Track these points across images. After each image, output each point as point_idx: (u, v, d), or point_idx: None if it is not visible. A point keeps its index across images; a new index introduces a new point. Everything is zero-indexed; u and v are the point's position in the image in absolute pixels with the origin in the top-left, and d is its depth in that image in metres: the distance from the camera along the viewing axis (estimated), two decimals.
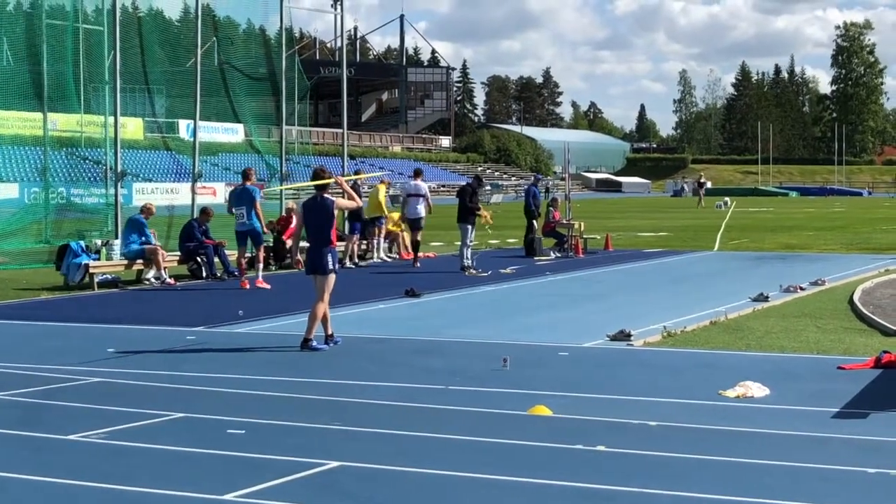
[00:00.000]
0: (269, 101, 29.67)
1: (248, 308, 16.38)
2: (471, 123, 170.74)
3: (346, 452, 7.73)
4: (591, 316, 15.88)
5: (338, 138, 75.74)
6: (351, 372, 11.27)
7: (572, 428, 8.63)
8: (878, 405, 9.42)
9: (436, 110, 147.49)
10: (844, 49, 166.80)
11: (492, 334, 13.84)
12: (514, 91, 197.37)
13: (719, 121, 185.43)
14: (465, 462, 7.51)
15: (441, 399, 9.79)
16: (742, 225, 42.67)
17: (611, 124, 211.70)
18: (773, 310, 16.37)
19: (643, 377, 11.00)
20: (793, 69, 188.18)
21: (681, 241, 33.01)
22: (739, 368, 11.11)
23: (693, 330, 14.17)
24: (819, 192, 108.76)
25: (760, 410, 9.31)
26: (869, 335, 13.81)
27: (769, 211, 60.89)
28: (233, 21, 31.84)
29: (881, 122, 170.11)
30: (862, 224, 44.10)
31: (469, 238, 23.10)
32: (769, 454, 7.71)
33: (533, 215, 27.33)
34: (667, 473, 7.25)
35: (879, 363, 11.27)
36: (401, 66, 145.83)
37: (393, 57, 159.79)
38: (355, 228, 24.89)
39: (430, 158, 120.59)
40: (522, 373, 11.06)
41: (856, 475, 7.18)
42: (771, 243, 31.83)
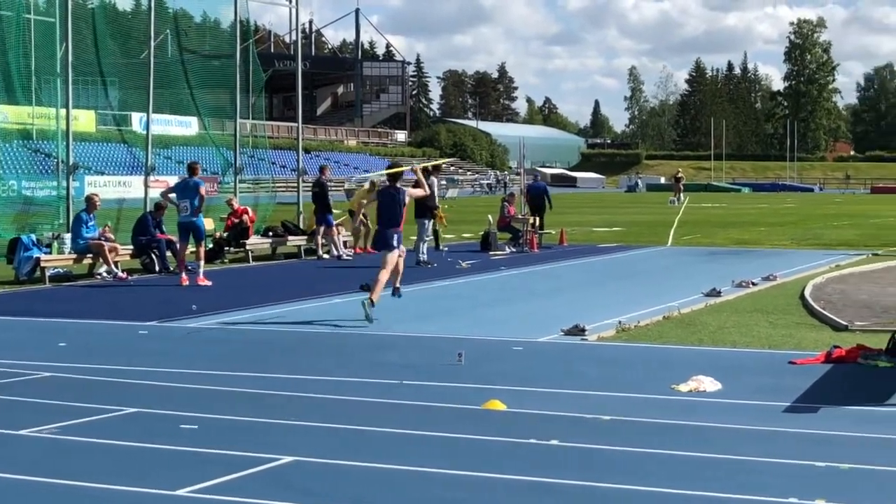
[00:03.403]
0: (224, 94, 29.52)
1: (202, 302, 16.29)
2: (426, 118, 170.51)
3: (300, 447, 7.71)
4: (545, 311, 15.92)
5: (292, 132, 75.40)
6: (305, 366, 11.24)
7: (526, 422, 8.66)
8: (829, 400, 9.51)
9: (391, 104, 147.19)
10: (797, 46, 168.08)
11: (446, 329, 13.85)
12: (469, 86, 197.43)
13: (673, 117, 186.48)
14: (418, 456, 7.51)
15: (395, 394, 9.79)
16: (695, 220, 42.95)
17: (565, 120, 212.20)
18: (725, 305, 16.49)
19: (597, 371, 11.05)
20: (745, 66, 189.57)
21: (634, 236, 33.18)
22: (692, 363, 11.18)
23: (646, 325, 14.25)
24: (771, 188, 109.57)
25: (712, 405, 9.38)
26: (820, 330, 13.94)
27: (722, 207, 61.32)
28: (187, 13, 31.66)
29: (833, 119, 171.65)
30: (813, 220, 44.52)
31: (425, 233, 23.15)
32: (720, 448, 7.77)
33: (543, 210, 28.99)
34: (619, 467, 7.29)
35: (830, 358, 11.38)
36: (356, 60, 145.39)
37: (348, 51, 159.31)
38: (328, 221, 24.95)
39: (386, 153, 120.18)
40: (477, 367, 11.08)
41: (806, 469, 7.25)
42: (723, 239, 32.07)
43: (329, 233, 25.13)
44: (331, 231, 25.10)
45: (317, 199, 25.44)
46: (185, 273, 19.44)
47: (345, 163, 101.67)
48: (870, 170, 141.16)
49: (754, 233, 35.24)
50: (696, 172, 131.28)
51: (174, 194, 20.00)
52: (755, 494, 6.62)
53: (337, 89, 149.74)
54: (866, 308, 16.06)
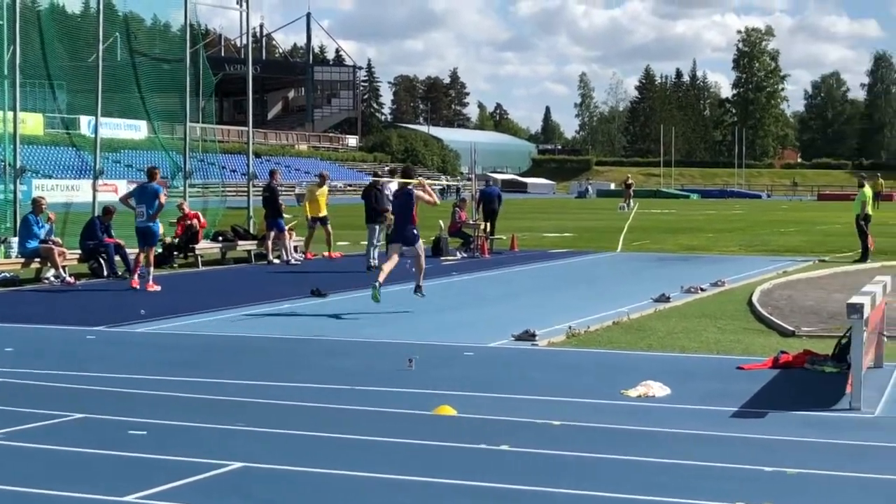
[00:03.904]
0: (174, 98, 29.32)
1: (150, 307, 16.18)
2: (378, 123, 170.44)
3: (249, 453, 7.67)
4: (496, 316, 15.96)
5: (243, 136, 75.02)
6: (255, 372, 11.19)
7: (476, 427, 8.67)
8: (776, 405, 9.60)
9: (342, 109, 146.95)
10: (745, 54, 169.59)
11: (397, 334, 13.84)
12: (421, 91, 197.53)
13: (623, 123, 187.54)
14: (368, 462, 7.50)
15: (345, 399, 9.77)
16: (644, 226, 43.19)
17: (516, 125, 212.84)
18: (674, 310, 16.61)
19: (547, 377, 11.08)
20: (694, 73, 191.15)
21: (585, 241, 33.32)
22: (641, 368, 11.25)
23: (596, 330, 14.32)
24: (719, 194, 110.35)
25: (662, 410, 9.44)
26: (767, 336, 14.07)
27: (671, 213, 61.71)
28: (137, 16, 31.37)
29: (781, 126, 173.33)
30: (761, 226, 44.91)
31: (376, 238, 23.13)
32: (669, 453, 7.82)
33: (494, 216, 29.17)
34: (569, 472, 7.32)
35: (777, 363, 11.49)
36: (307, 65, 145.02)
37: (299, 55, 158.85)
38: (279, 226, 24.88)
39: (337, 158, 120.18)
40: (427, 373, 11.08)
41: (753, 473, 7.31)
42: (672, 245, 32.28)
43: (279, 237, 25.05)
44: (281, 236, 25.02)
45: (267, 203, 25.33)
46: (136, 276, 19.32)
47: (296, 167, 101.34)
48: (816, 177, 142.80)
49: (703, 239, 35.50)
50: (646, 179, 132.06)
51: (133, 199, 19.87)
52: (704, 499, 6.67)
53: (288, 94, 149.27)
54: (813, 314, 16.23)
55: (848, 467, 7.48)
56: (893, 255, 27.53)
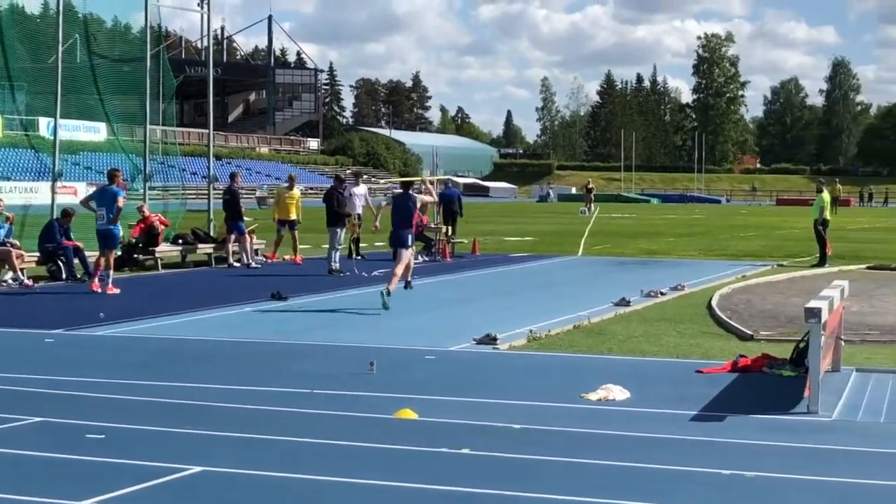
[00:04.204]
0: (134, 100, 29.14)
1: (109, 310, 16.07)
2: (339, 126, 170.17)
3: (208, 457, 7.64)
4: (457, 320, 15.97)
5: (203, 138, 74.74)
6: (215, 376, 11.14)
7: (437, 431, 8.67)
8: (735, 408, 9.66)
9: (304, 112, 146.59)
10: (705, 60, 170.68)
11: (358, 338, 13.82)
12: (382, 94, 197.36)
13: (584, 128, 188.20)
14: (329, 466, 7.48)
15: (306, 403, 9.74)
16: (605, 230, 43.37)
17: (478, 129, 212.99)
18: (634, 314, 16.68)
19: (508, 380, 11.10)
20: (655, 78, 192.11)
21: (546, 245, 33.41)
22: (602, 372, 11.29)
23: (557, 334, 14.36)
24: (679, 199, 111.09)
25: (621, 413, 9.47)
26: (726, 339, 14.17)
27: (631, 217, 61.99)
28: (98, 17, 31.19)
29: (740, 132, 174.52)
30: (720, 231, 45.20)
31: (338, 241, 23.10)
32: (629, 456, 7.85)
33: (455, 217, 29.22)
34: (530, 476, 7.34)
35: (736, 367, 11.57)
36: (268, 67, 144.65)
37: (260, 57, 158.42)
38: (239, 228, 24.78)
39: (299, 160, 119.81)
40: (389, 376, 11.07)
41: (712, 477, 7.35)
42: (633, 249, 32.43)
43: (240, 241, 24.95)
44: (242, 239, 24.92)
45: (228, 206, 25.23)
46: (97, 279, 19.18)
47: (256, 170, 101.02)
48: (775, 182, 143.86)
49: (663, 243, 35.68)
50: (607, 183, 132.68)
51: (94, 202, 19.71)
52: (663, 502, 6.70)
53: (249, 96, 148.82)
54: (772, 318, 16.36)
55: (806, 471, 7.55)
56: (851, 259, 27.79)
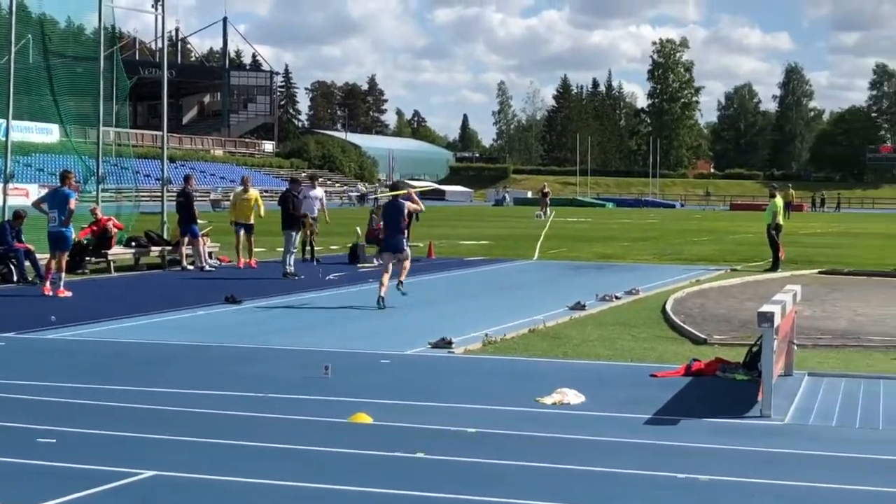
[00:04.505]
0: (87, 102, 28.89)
1: (61, 314, 15.91)
2: (294, 129, 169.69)
3: (161, 462, 7.57)
4: (412, 323, 15.95)
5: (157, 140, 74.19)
6: (168, 380, 11.05)
7: (392, 435, 8.65)
8: (689, 412, 9.71)
9: (259, 114, 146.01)
10: (660, 65, 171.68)
11: (313, 342, 13.77)
12: (338, 97, 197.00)
13: (540, 132, 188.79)
14: (283, 471, 7.44)
15: (260, 407, 9.69)
16: (560, 234, 43.49)
17: (434, 133, 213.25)
18: (589, 318, 16.73)
19: (463, 384, 11.10)
20: (610, 83, 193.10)
21: (502, 249, 33.45)
22: (556, 376, 11.30)
23: (512, 337, 14.37)
24: (634, 203, 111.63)
25: (576, 417, 9.49)
26: (680, 343, 14.24)
27: (587, 221, 62.22)
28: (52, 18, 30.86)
29: (695, 137, 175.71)
30: (674, 235, 45.45)
31: (292, 245, 23.02)
32: (584, 460, 7.86)
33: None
34: (484, 479, 7.33)
35: (690, 371, 11.63)
36: (223, 69, 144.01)
37: (215, 59, 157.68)
38: (193, 231, 24.61)
39: (254, 163, 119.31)
40: (343, 380, 11.04)
41: (666, 480, 7.38)
42: (588, 253, 32.53)
43: (194, 243, 24.78)
44: (195, 242, 24.75)
45: (181, 209, 25.06)
46: (48, 283, 18.99)
47: (211, 172, 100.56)
48: (729, 187, 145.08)
49: (618, 247, 35.83)
50: (563, 187, 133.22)
51: (45, 203, 19.50)
52: None
53: (203, 98, 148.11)
54: (725, 322, 16.46)
55: (759, 474, 7.59)
56: (803, 264, 28.03)
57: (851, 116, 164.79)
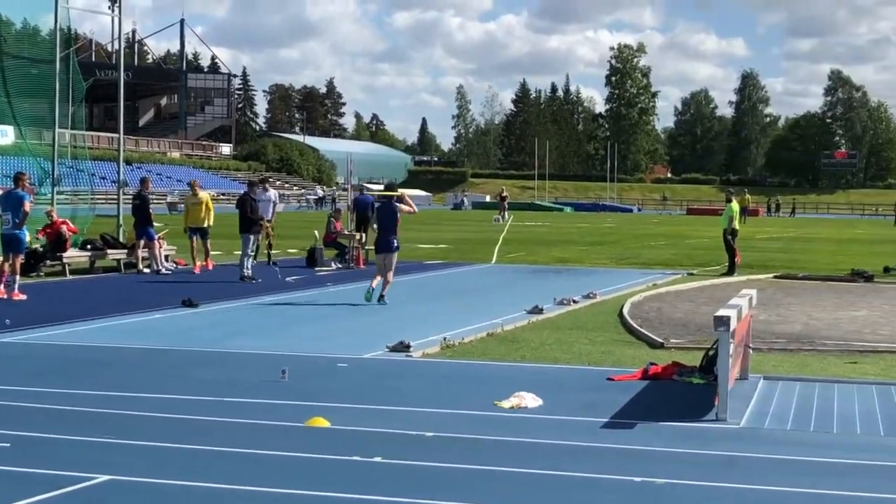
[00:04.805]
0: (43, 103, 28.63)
1: (15, 317, 15.75)
2: (252, 131, 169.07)
3: (116, 466, 7.52)
4: (370, 327, 15.92)
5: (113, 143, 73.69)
6: (124, 384, 10.97)
7: (349, 439, 8.63)
8: (645, 416, 9.75)
9: (216, 117, 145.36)
10: (618, 70, 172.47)
11: (271, 345, 13.72)
12: (297, 100, 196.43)
13: (498, 136, 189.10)
14: (239, 475, 7.41)
15: (216, 411, 9.64)
16: (519, 238, 43.57)
17: (393, 136, 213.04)
18: (547, 322, 16.77)
19: (421, 388, 11.10)
20: (568, 88, 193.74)
21: (460, 253, 33.48)
22: (515, 379, 11.32)
23: (471, 341, 14.38)
24: (592, 207, 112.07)
25: (534, 420, 9.51)
26: (637, 347, 14.30)
27: (545, 225, 62.39)
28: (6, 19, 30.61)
29: (652, 142, 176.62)
30: (632, 240, 45.67)
31: (250, 248, 22.92)
32: (541, 464, 7.88)
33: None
34: (442, 484, 7.33)
35: (646, 374, 11.68)
36: (180, 71, 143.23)
37: (172, 61, 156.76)
38: (150, 234, 24.45)
39: (211, 166, 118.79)
40: (301, 384, 11.00)
41: (623, 484, 7.41)
42: (546, 257, 32.62)
43: (150, 246, 24.62)
44: (152, 245, 24.60)
45: (137, 211, 24.90)
46: (3, 286, 18.79)
47: (167, 175, 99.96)
48: (685, 192, 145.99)
49: (576, 251, 35.95)
50: (521, 191, 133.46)
51: None
52: None
53: (160, 100, 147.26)
54: (682, 326, 16.55)
55: (715, 478, 7.63)
56: (759, 269, 28.25)
57: (806, 122, 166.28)
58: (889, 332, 16.23)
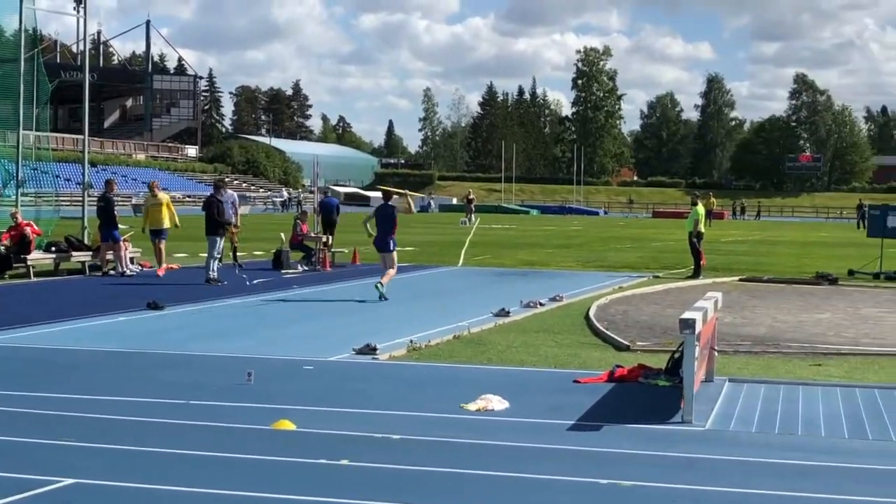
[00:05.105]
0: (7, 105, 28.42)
1: None
2: (218, 133, 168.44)
3: (82, 469, 7.47)
4: (337, 330, 15.90)
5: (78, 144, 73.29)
6: (89, 386, 10.90)
7: (316, 442, 8.61)
8: (611, 418, 9.78)
9: (182, 119, 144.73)
10: (584, 73, 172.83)
11: (236, 348, 13.67)
12: (263, 102, 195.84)
13: (465, 139, 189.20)
14: (206, 478, 7.38)
15: (182, 414, 9.60)
16: (485, 241, 43.62)
17: (360, 139, 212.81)
18: (513, 325, 16.80)
19: (388, 391, 11.08)
20: (535, 90, 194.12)
21: (427, 256, 33.47)
22: (481, 382, 11.34)
23: (437, 344, 14.39)
24: (558, 210, 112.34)
25: (500, 423, 9.52)
26: (603, 350, 14.35)
27: (511, 228, 62.49)
28: None
29: (618, 145, 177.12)
30: (598, 242, 45.81)
31: (216, 250, 22.83)
32: (507, 466, 7.89)
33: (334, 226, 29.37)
34: (409, 486, 7.32)
35: (613, 377, 11.72)
36: (146, 73, 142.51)
37: (138, 63, 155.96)
38: (115, 237, 24.27)
39: (176, 168, 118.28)
40: (267, 387, 10.97)
41: (589, 486, 7.43)
42: (512, 260, 32.66)
43: (115, 248, 24.47)
44: (117, 247, 24.44)
45: (102, 213, 24.75)
46: None
47: (133, 177, 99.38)
48: (651, 195, 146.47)
49: (542, 254, 36.01)
50: (487, 194, 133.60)
51: None
52: None
53: (126, 102, 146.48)
54: (648, 328, 16.62)
55: (680, 480, 7.67)
56: (724, 272, 28.40)
57: (771, 126, 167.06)
58: (853, 335, 16.37)
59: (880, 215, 29.63)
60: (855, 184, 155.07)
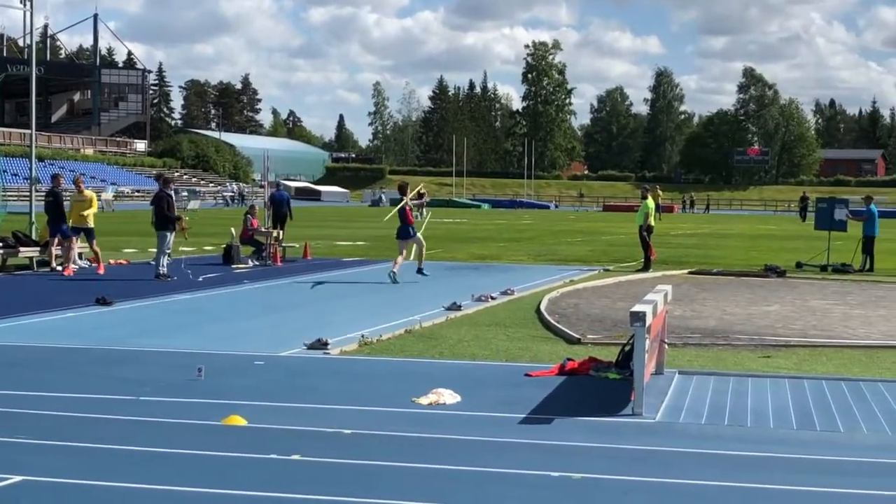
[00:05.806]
0: None
1: None
2: (168, 128, 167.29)
3: (30, 466, 7.40)
4: (288, 324, 15.85)
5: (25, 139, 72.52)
6: (37, 383, 10.80)
7: (267, 437, 8.58)
8: (562, 411, 9.82)
9: (131, 113, 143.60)
10: (534, 67, 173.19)
11: (186, 343, 13.59)
12: (212, 96, 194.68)
13: (416, 133, 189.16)
14: (155, 474, 7.33)
15: (132, 410, 9.53)
16: (436, 235, 43.61)
17: (310, 133, 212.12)
18: (465, 318, 16.82)
19: (339, 385, 11.06)
20: (486, 85, 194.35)
21: (378, 250, 33.40)
22: (432, 376, 11.35)
23: (388, 338, 14.38)
24: (509, 204, 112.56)
25: (452, 417, 9.53)
26: (554, 343, 14.40)
27: (463, 222, 62.54)
28: None
29: (568, 139, 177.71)
30: (549, 236, 45.95)
31: (167, 245, 22.66)
32: (459, 460, 7.90)
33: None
34: (361, 481, 7.32)
35: (563, 370, 11.76)
36: (94, 67, 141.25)
37: (85, 57, 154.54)
38: (64, 232, 23.98)
39: (125, 162, 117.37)
40: (217, 382, 10.91)
41: (540, 479, 7.46)
42: (463, 254, 32.70)
43: (63, 244, 24.22)
44: (65, 242, 24.19)
45: (50, 209, 24.48)
46: None
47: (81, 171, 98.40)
48: (602, 189, 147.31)
49: (493, 248, 36.09)
50: (439, 188, 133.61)
51: None
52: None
53: (73, 96, 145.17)
54: (598, 322, 16.70)
55: (631, 471, 7.72)
56: (674, 265, 28.59)
57: (720, 120, 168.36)
58: (801, 327, 16.54)
59: (827, 208, 29.96)
60: (802, 177, 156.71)
